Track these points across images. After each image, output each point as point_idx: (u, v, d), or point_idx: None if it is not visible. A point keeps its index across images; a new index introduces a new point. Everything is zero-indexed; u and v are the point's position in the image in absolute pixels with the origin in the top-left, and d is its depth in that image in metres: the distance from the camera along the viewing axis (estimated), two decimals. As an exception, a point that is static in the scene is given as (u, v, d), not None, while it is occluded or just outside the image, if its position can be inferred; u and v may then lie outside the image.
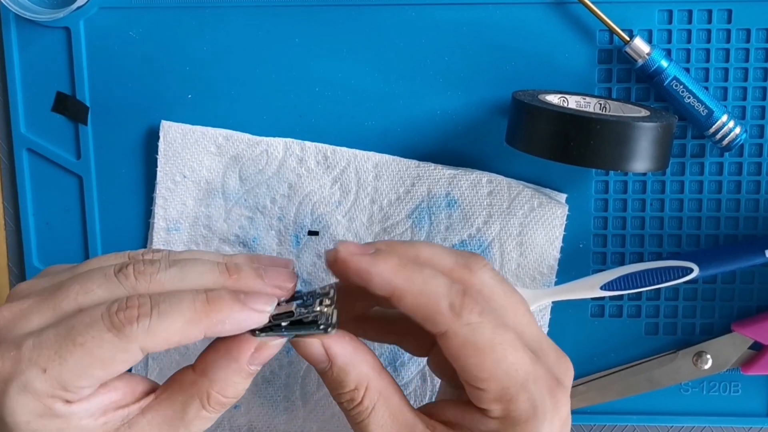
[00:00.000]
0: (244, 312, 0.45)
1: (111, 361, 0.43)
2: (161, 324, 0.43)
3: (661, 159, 0.56)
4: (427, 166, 0.63)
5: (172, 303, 0.44)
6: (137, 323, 0.43)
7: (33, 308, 0.45)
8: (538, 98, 0.58)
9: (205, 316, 0.44)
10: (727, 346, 0.63)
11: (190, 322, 0.44)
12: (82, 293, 0.45)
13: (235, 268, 0.47)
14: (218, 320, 0.44)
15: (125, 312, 0.43)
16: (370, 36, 0.62)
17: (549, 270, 0.63)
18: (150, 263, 0.46)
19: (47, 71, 0.64)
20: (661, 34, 0.61)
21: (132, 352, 0.43)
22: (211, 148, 0.63)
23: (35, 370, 0.43)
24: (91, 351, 0.43)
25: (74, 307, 0.44)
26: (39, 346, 0.43)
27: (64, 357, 0.43)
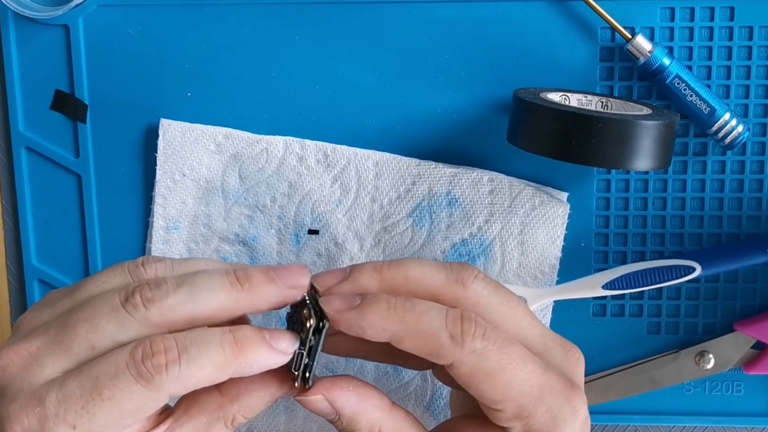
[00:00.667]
0: (271, 355, 0.44)
1: (140, 410, 0.42)
2: (191, 370, 0.42)
3: (663, 157, 0.56)
4: (428, 165, 0.63)
5: (201, 347, 0.42)
6: (166, 372, 0.41)
7: (43, 351, 0.43)
8: (539, 96, 0.58)
9: (234, 360, 0.43)
10: (730, 345, 0.63)
11: (220, 367, 0.43)
12: (92, 331, 0.43)
13: (245, 277, 0.45)
14: (246, 363, 0.43)
15: (152, 360, 0.41)
16: (371, 34, 0.62)
17: (550, 269, 0.63)
18: (156, 287, 0.43)
19: (46, 69, 0.64)
20: (663, 31, 0.61)
21: (161, 400, 0.42)
22: (211, 146, 0.63)
23: (64, 427, 0.41)
24: (120, 404, 0.41)
25: (87, 347, 0.43)
26: (64, 402, 0.41)
27: (92, 412, 0.41)
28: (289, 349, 0.44)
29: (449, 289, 0.46)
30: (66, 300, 0.45)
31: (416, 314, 0.44)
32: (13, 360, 0.43)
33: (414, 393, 0.65)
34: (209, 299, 0.44)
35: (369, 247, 0.64)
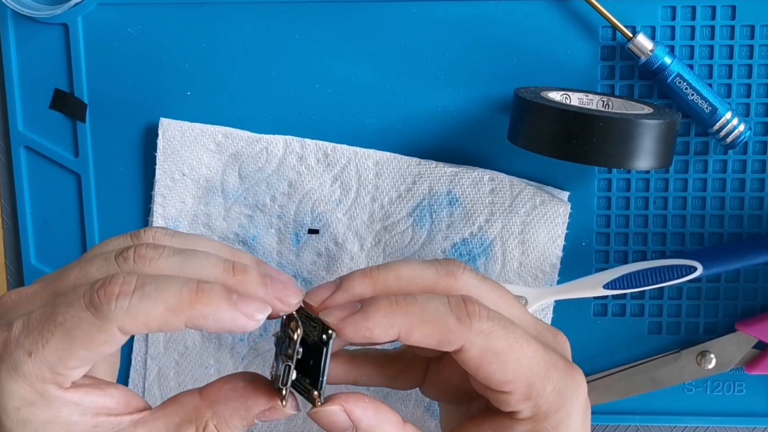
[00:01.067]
0: (231, 312, 0.43)
1: (91, 341, 0.42)
2: (141, 306, 0.42)
3: (665, 157, 0.56)
4: (429, 164, 0.63)
5: (158, 286, 0.42)
6: (115, 302, 0.41)
7: (36, 292, 0.45)
8: (540, 95, 0.58)
9: (189, 306, 0.42)
10: (731, 345, 0.63)
11: (172, 309, 0.42)
12: (81, 276, 0.44)
13: (242, 269, 0.45)
14: (201, 313, 0.42)
15: (106, 288, 0.42)
16: (371, 32, 0.62)
17: (551, 269, 0.63)
18: (153, 248, 0.44)
19: (45, 68, 0.64)
20: (665, 30, 0.61)
21: (110, 333, 0.42)
22: (211, 145, 0.63)
23: (22, 353, 0.42)
24: (70, 331, 0.42)
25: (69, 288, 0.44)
26: (27, 327, 0.43)
27: (46, 338, 0.42)
28: (256, 315, 0.43)
29: (441, 283, 0.47)
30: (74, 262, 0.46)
31: (419, 304, 0.45)
32: (11, 297, 0.45)
33: (414, 393, 0.65)
34: (198, 273, 0.44)
35: (369, 247, 0.64)
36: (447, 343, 0.45)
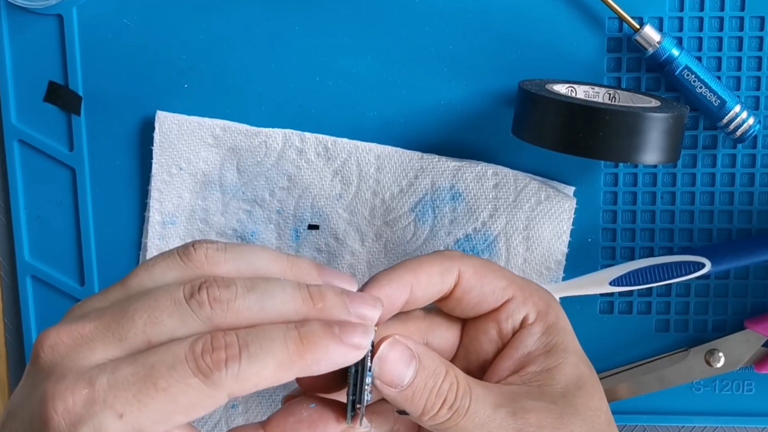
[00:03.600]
0: (340, 349, 0.42)
1: (195, 407, 0.40)
2: (252, 368, 0.40)
3: (672, 151, 0.56)
4: (431, 158, 0.63)
5: (263, 345, 0.41)
6: (226, 369, 0.40)
7: (96, 335, 0.42)
8: (545, 88, 0.58)
9: (299, 358, 0.41)
10: (740, 343, 0.64)
11: (283, 365, 0.41)
12: (150, 324, 0.41)
13: (319, 296, 0.44)
14: (313, 361, 0.41)
15: (212, 355, 0.40)
16: (373, 23, 0.62)
17: (556, 265, 0.64)
18: (225, 287, 0.42)
19: (39, 60, 0.64)
20: (672, 21, 0.61)
21: (218, 399, 0.41)
22: (208, 139, 0.64)
23: (111, 414, 0.39)
24: (175, 397, 0.40)
25: (143, 339, 0.41)
26: (115, 387, 0.40)
27: (144, 402, 0.40)
28: (363, 343, 0.43)
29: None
30: (118, 289, 0.44)
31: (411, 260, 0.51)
32: (63, 339, 0.41)
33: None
34: (279, 310, 0.43)
35: (370, 243, 0.64)
36: (448, 273, 0.51)
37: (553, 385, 0.50)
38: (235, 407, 0.67)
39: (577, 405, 0.49)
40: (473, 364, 0.53)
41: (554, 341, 0.51)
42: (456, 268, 0.51)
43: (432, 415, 0.47)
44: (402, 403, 0.47)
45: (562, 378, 0.50)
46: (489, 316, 0.52)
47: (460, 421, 0.47)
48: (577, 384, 0.50)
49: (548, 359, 0.51)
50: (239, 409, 0.67)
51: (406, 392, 0.46)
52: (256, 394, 0.66)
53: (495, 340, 0.52)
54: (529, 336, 0.52)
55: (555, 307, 0.53)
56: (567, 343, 0.52)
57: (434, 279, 0.51)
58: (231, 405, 0.67)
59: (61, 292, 0.66)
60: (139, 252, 0.66)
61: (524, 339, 0.52)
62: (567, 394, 0.49)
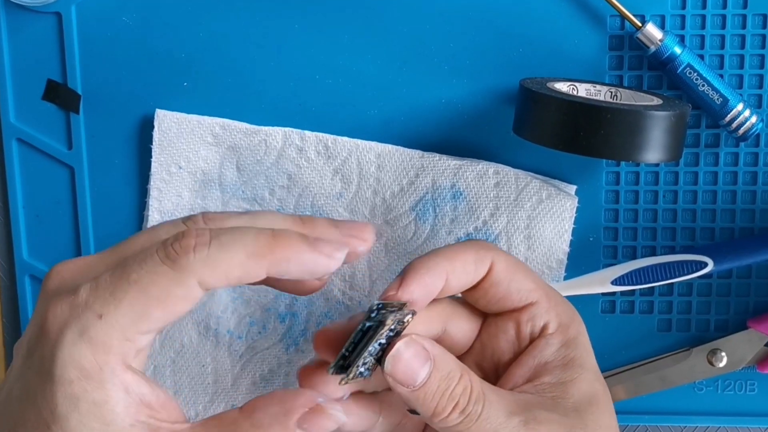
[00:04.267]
0: (311, 253, 0.44)
1: (168, 297, 0.42)
2: (221, 255, 0.42)
3: (674, 149, 0.56)
4: (432, 157, 0.64)
5: (234, 235, 0.42)
6: (194, 253, 0.41)
7: (98, 259, 0.45)
8: (546, 86, 0.58)
9: (269, 251, 0.43)
10: (743, 343, 0.64)
11: (253, 255, 0.42)
12: (149, 239, 0.44)
13: (309, 219, 0.48)
14: (283, 257, 0.43)
15: (181, 242, 0.42)
16: (373, 21, 0.63)
17: (558, 264, 0.64)
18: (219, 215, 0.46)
19: (37, 58, 0.64)
20: (674, 19, 0.61)
21: (189, 287, 0.42)
22: (208, 137, 0.64)
23: (91, 316, 0.42)
24: (146, 288, 0.41)
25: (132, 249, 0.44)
26: (95, 290, 0.42)
27: (118, 298, 0.41)
28: (336, 254, 0.44)
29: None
30: None
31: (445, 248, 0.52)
32: (68, 266, 0.45)
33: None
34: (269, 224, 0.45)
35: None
36: (481, 262, 0.51)
37: (566, 398, 0.50)
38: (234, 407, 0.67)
39: (588, 421, 0.49)
40: (488, 361, 0.54)
41: (572, 355, 0.52)
42: (489, 259, 0.52)
43: (443, 417, 0.47)
44: (413, 402, 0.47)
45: (576, 393, 0.50)
46: (510, 315, 0.53)
47: (472, 426, 0.47)
48: (590, 401, 0.50)
49: (564, 372, 0.51)
50: (239, 409, 0.67)
51: (418, 393, 0.47)
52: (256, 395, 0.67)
53: (512, 341, 0.53)
54: (548, 346, 0.52)
55: (578, 322, 0.53)
56: (584, 360, 0.52)
57: (469, 268, 0.51)
58: (231, 405, 0.67)
59: (60, 291, 0.66)
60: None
61: (542, 348, 0.52)
62: (579, 409, 0.50)
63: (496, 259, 0.52)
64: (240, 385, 0.67)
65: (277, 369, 0.66)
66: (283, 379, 0.66)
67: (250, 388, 0.66)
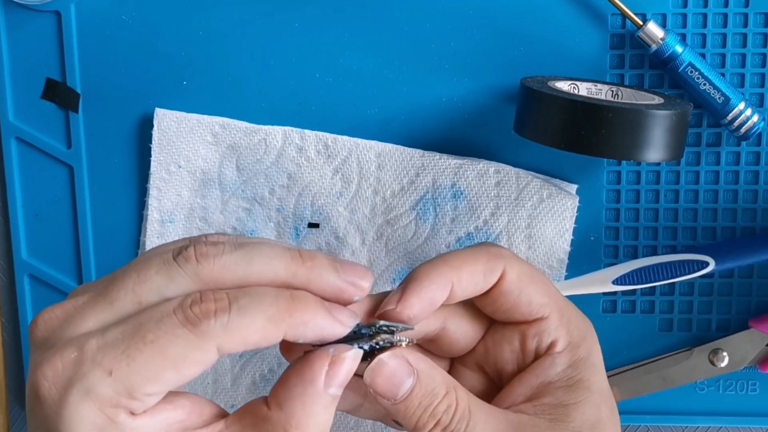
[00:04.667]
0: (328, 319, 0.43)
1: (184, 360, 0.40)
2: (241, 320, 0.41)
3: (676, 148, 0.56)
4: (432, 156, 0.64)
5: (253, 299, 0.41)
6: (215, 319, 0.40)
7: (87, 305, 0.42)
8: (547, 85, 0.58)
9: (288, 315, 0.42)
10: (744, 343, 0.64)
11: (272, 320, 0.41)
12: (139, 282, 0.42)
13: (310, 256, 0.44)
14: (301, 321, 0.42)
15: (201, 306, 0.41)
16: (373, 20, 0.63)
17: (559, 264, 0.64)
18: (213, 245, 0.43)
19: (36, 57, 0.64)
20: (676, 18, 0.61)
21: (208, 352, 0.40)
22: (207, 136, 0.64)
23: (99, 372, 0.40)
24: (163, 349, 0.40)
25: (132, 299, 0.42)
26: (104, 347, 0.40)
27: (132, 356, 0.40)
28: (348, 322, 0.44)
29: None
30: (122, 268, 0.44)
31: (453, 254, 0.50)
32: (56, 314, 0.42)
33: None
34: (266, 265, 0.43)
35: (371, 241, 0.65)
36: (491, 272, 0.49)
37: (566, 422, 0.48)
38: (234, 407, 0.67)
39: None
40: (491, 367, 0.52)
41: (579, 377, 0.50)
42: (501, 268, 0.49)
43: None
44: (394, 414, 0.47)
45: (578, 417, 0.48)
46: (517, 326, 0.51)
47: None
48: (593, 426, 0.48)
49: (568, 394, 0.49)
50: (238, 409, 0.67)
51: (399, 406, 0.46)
52: (256, 395, 0.67)
53: (516, 353, 0.51)
54: (553, 366, 0.50)
55: (590, 341, 0.51)
56: (592, 382, 0.50)
57: (477, 278, 0.49)
58: (231, 405, 0.67)
59: (59, 291, 0.67)
60: (137, 251, 0.66)
61: (547, 367, 0.50)
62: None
63: (509, 268, 0.50)
64: (240, 385, 0.67)
65: (278, 369, 0.67)
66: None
67: (250, 388, 0.67)
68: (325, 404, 0.43)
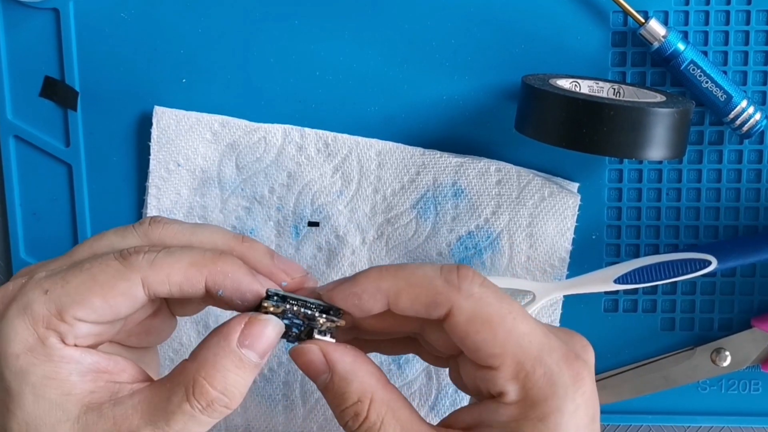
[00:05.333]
0: (247, 275, 0.47)
1: (111, 289, 0.45)
2: (166, 259, 0.46)
3: (678, 146, 0.56)
4: (433, 154, 0.64)
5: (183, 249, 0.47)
6: (144, 255, 0.46)
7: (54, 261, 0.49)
8: (548, 83, 0.58)
9: (212, 263, 0.46)
10: (747, 342, 0.64)
11: (195, 264, 0.46)
12: (97, 240, 0.49)
13: (250, 240, 0.50)
14: (222, 270, 0.46)
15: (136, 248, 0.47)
16: (374, 17, 0.63)
17: (560, 263, 0.64)
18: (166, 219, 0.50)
19: (35, 55, 0.64)
20: (678, 15, 0.61)
21: (132, 283, 0.45)
22: (207, 135, 0.64)
23: (38, 292, 0.45)
24: (95, 275, 0.45)
25: (88, 251, 0.48)
26: (49, 275, 0.46)
27: (67, 280, 0.45)
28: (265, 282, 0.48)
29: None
30: None
31: (408, 269, 0.47)
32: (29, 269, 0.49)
33: (418, 391, 0.66)
34: (208, 237, 0.49)
35: (371, 240, 0.65)
36: (435, 306, 0.46)
37: None
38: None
39: None
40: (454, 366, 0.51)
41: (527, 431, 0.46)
42: (446, 307, 0.46)
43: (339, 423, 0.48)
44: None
45: None
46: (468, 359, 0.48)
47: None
48: None
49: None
50: (238, 409, 0.67)
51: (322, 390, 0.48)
52: (256, 394, 0.67)
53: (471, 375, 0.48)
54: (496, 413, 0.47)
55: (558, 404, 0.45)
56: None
57: (417, 307, 0.47)
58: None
59: (58, 290, 0.67)
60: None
61: (491, 411, 0.47)
62: None
63: (457, 310, 0.45)
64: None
65: (277, 369, 0.67)
66: (283, 378, 0.67)
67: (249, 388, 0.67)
68: (236, 362, 0.45)
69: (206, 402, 0.45)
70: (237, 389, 0.46)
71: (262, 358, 0.46)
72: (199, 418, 0.45)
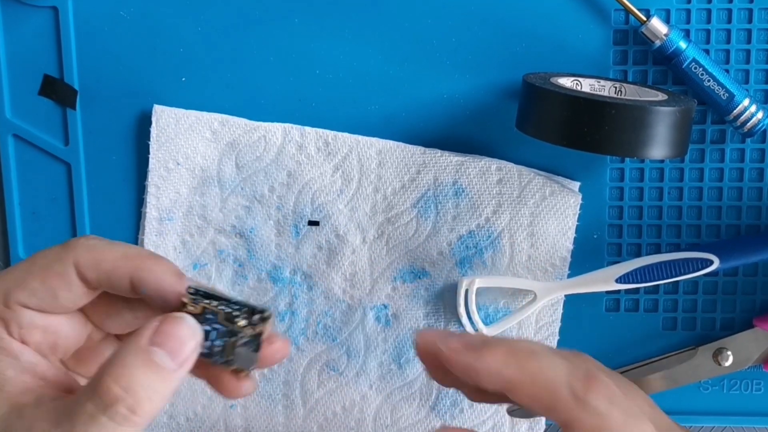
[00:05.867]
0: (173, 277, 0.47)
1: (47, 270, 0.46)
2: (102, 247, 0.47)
3: (680, 145, 0.57)
4: (434, 153, 0.64)
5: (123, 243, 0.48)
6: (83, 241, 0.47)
7: None
8: (550, 81, 0.58)
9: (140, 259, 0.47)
10: (749, 342, 0.64)
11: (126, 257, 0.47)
12: None
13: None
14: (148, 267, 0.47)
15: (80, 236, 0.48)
16: (374, 16, 0.63)
17: (561, 262, 0.64)
18: None
19: (34, 53, 0.64)
20: (680, 13, 0.61)
21: (66, 264, 0.46)
22: (206, 133, 0.64)
23: None
24: (35, 260, 0.47)
25: None
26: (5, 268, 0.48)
27: (11, 268, 0.47)
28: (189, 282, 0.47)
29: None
30: None
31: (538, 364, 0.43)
32: None
33: (419, 391, 0.66)
34: None
35: (372, 239, 0.65)
36: (554, 413, 0.43)
37: None
38: (234, 407, 0.67)
39: None
40: None
41: None
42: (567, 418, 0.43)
43: None
44: None
45: None
46: None
47: None
48: None
49: None
50: (237, 409, 0.67)
51: None
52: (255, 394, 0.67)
53: None
54: None
55: None
56: None
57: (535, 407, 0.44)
58: (230, 405, 0.67)
59: (57, 289, 0.67)
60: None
61: None
62: None
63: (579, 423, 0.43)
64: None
65: (277, 368, 0.67)
66: (283, 378, 0.67)
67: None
68: (144, 360, 0.43)
69: (108, 401, 0.42)
70: (144, 391, 0.42)
71: (175, 361, 0.43)
72: (101, 420, 0.42)
